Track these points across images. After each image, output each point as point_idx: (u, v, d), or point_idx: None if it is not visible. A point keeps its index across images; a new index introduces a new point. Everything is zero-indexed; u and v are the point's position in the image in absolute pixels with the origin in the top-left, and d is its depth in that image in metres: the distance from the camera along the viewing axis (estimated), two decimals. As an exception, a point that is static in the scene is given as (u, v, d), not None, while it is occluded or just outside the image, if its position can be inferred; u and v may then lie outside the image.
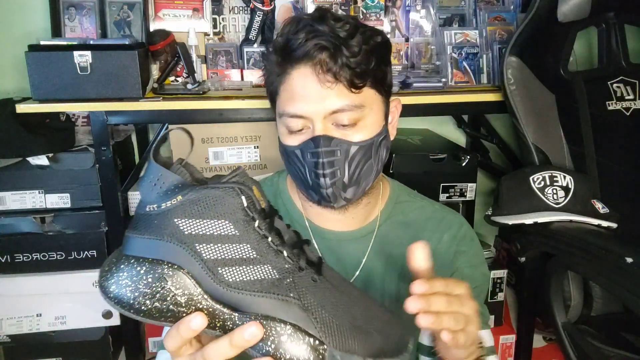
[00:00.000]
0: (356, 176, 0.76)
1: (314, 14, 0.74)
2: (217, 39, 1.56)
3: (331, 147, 0.73)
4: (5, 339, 1.40)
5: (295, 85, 0.73)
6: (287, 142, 0.77)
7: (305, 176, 0.76)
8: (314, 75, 0.71)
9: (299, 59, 0.72)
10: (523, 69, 1.33)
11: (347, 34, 0.71)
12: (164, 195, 0.47)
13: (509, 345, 1.54)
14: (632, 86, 1.32)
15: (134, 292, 0.47)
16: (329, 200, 0.76)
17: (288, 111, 0.74)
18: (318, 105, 0.72)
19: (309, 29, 0.71)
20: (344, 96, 0.72)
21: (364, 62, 0.72)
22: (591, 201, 1.21)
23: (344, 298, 0.52)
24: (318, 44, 0.70)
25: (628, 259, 0.97)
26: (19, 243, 1.37)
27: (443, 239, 0.86)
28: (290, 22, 0.74)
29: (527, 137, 1.32)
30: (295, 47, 0.72)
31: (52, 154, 1.34)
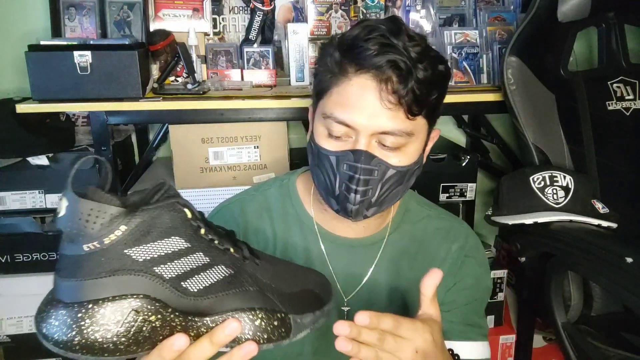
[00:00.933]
0: (383, 198, 0.73)
1: (390, 25, 0.69)
2: (217, 39, 1.56)
3: (370, 166, 0.70)
4: (5, 339, 1.40)
5: (352, 93, 0.69)
6: (323, 144, 0.73)
7: (333, 184, 0.73)
8: (376, 91, 0.67)
9: (366, 68, 0.68)
10: (523, 69, 1.33)
11: (418, 56, 0.67)
12: (104, 229, 0.44)
13: (509, 345, 1.54)
14: (632, 86, 1.32)
15: (106, 336, 0.44)
16: (351, 215, 0.73)
17: (336, 116, 0.70)
18: (371, 121, 0.68)
19: (383, 40, 0.67)
20: (399, 120, 0.68)
21: (427, 91, 0.68)
22: (591, 201, 1.21)
23: (279, 268, 0.57)
24: (392, 61, 0.66)
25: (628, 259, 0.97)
26: (19, 243, 1.37)
27: (451, 250, 0.86)
28: (363, 26, 0.69)
29: (527, 137, 1.32)
30: (365, 55, 0.67)
31: (52, 154, 1.34)
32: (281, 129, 1.42)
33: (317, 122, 0.75)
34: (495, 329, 1.54)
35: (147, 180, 1.50)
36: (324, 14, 1.53)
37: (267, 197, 0.88)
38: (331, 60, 0.71)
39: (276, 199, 0.88)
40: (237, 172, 1.42)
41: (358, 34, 0.69)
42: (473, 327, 0.85)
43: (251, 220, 0.86)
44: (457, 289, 0.85)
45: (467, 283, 0.85)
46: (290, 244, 0.85)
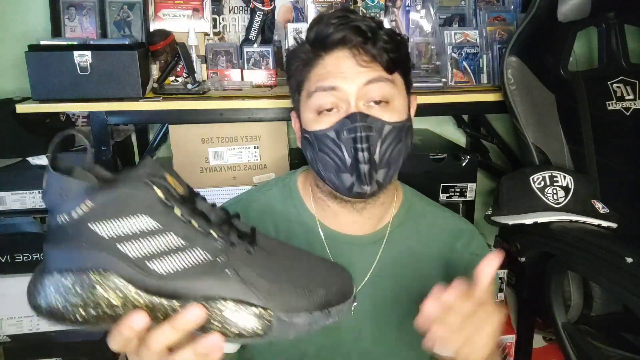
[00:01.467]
0: (387, 157, 0.75)
1: (343, 6, 0.79)
2: (217, 39, 1.56)
3: (367, 123, 0.73)
4: (5, 339, 1.40)
5: (330, 66, 0.75)
6: (316, 127, 0.76)
7: (342, 156, 0.74)
8: (350, 57, 0.74)
9: (334, 44, 0.74)
10: (523, 69, 1.33)
11: (377, 24, 0.75)
12: (72, 203, 0.46)
13: (509, 345, 1.54)
14: (632, 86, 1.32)
15: (66, 305, 0.46)
16: (365, 181, 0.74)
17: (322, 85, 0.75)
18: (354, 81, 0.73)
19: (341, 16, 0.74)
20: (377, 72, 0.74)
21: (396, 48, 0.75)
22: (591, 201, 1.21)
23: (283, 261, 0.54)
24: (355, 27, 0.73)
25: (628, 259, 0.97)
26: (19, 243, 1.37)
27: (455, 248, 0.87)
28: (320, 16, 0.77)
29: (527, 137, 1.32)
30: (328, 33, 0.74)
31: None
32: (281, 129, 1.42)
33: (304, 111, 0.79)
34: (495, 329, 1.54)
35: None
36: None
37: (268, 198, 0.89)
38: (302, 53, 0.78)
39: (278, 199, 0.88)
40: (237, 172, 1.42)
41: (317, 22, 0.76)
42: None
43: (253, 221, 0.85)
44: None
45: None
46: (293, 242, 0.84)
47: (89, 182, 0.46)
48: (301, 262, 0.56)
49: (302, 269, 0.55)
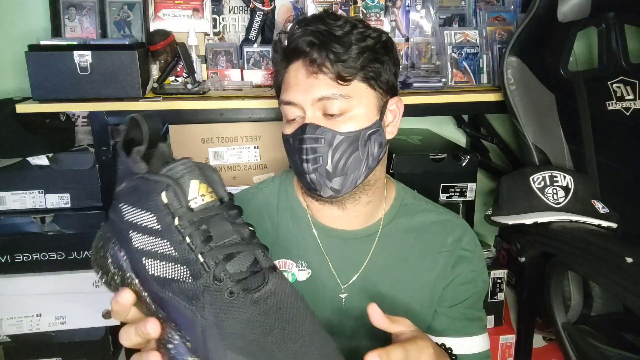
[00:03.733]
0: (341, 166, 0.77)
1: (315, 14, 0.79)
2: (217, 39, 1.56)
3: (316, 135, 0.76)
4: (5, 339, 1.40)
5: (290, 77, 0.79)
6: (285, 131, 0.82)
7: (296, 162, 0.80)
8: (303, 68, 0.77)
9: (294, 55, 0.78)
10: (523, 69, 1.33)
11: (343, 32, 0.76)
12: (120, 180, 0.50)
13: (509, 345, 1.54)
14: (632, 86, 1.32)
15: (102, 267, 0.51)
16: (314, 187, 0.79)
17: (283, 99, 0.80)
18: (305, 94, 0.76)
19: (303, 28, 0.77)
20: (331, 86, 0.76)
21: (352, 58, 0.75)
22: (591, 201, 1.21)
23: (270, 336, 0.42)
24: (307, 40, 0.76)
25: (628, 259, 0.97)
26: (19, 243, 1.36)
27: (446, 243, 0.87)
28: (296, 21, 0.80)
29: (527, 137, 1.32)
30: (291, 44, 0.78)
31: (52, 154, 1.34)
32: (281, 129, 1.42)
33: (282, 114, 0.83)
34: (495, 329, 1.54)
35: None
36: (324, 14, 1.53)
37: (265, 195, 0.92)
38: (276, 62, 0.83)
39: (274, 195, 0.91)
40: (237, 172, 1.42)
41: (290, 30, 0.80)
42: (473, 321, 0.87)
43: (252, 217, 0.88)
44: (457, 284, 0.87)
45: (467, 277, 0.87)
46: (289, 237, 0.88)
47: (139, 167, 0.48)
48: (290, 344, 0.43)
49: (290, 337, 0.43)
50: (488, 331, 0.90)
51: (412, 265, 0.86)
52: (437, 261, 0.87)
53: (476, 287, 0.88)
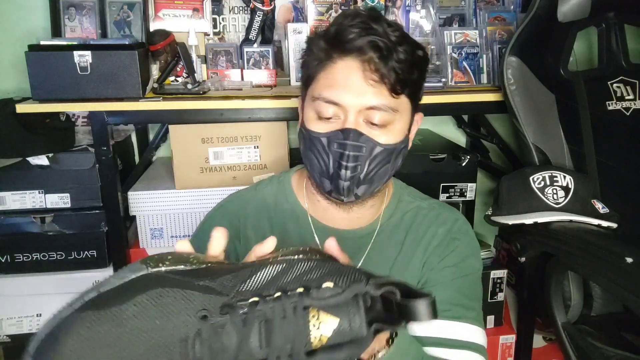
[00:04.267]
0: (371, 175, 0.77)
1: (370, 13, 0.75)
2: (217, 39, 1.56)
3: (359, 143, 0.74)
4: (5, 339, 1.40)
5: (338, 74, 0.74)
6: (313, 127, 0.77)
7: (327, 164, 0.77)
8: (360, 71, 0.73)
9: (349, 51, 0.73)
10: (523, 69, 1.33)
11: (397, 40, 0.73)
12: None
13: (509, 345, 1.54)
14: (632, 86, 1.32)
15: None
16: (343, 193, 0.77)
17: (325, 96, 0.75)
18: (357, 98, 0.73)
19: (364, 25, 0.73)
20: (383, 96, 0.74)
21: (408, 71, 0.74)
22: (591, 201, 1.21)
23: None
24: (372, 42, 0.72)
25: (628, 259, 0.97)
26: (19, 243, 1.37)
27: (438, 233, 0.87)
28: (346, 15, 0.75)
29: (527, 137, 1.32)
30: (347, 39, 0.73)
31: (52, 154, 1.34)
32: (281, 129, 1.42)
33: (306, 107, 0.79)
34: (495, 329, 1.54)
35: (147, 180, 1.50)
36: (324, 14, 1.53)
37: (264, 195, 0.91)
38: (317, 49, 0.77)
39: (272, 195, 0.91)
40: (237, 172, 1.42)
41: (341, 22, 0.75)
42: (458, 307, 0.83)
43: (250, 217, 0.89)
44: (441, 267, 0.86)
45: (451, 261, 0.86)
46: (287, 237, 0.87)
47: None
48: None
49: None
50: (488, 331, 0.88)
51: (403, 259, 0.87)
52: (426, 250, 0.86)
53: (461, 271, 0.86)
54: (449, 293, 0.84)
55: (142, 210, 1.41)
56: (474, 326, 0.83)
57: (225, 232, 0.53)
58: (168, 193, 1.41)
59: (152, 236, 1.44)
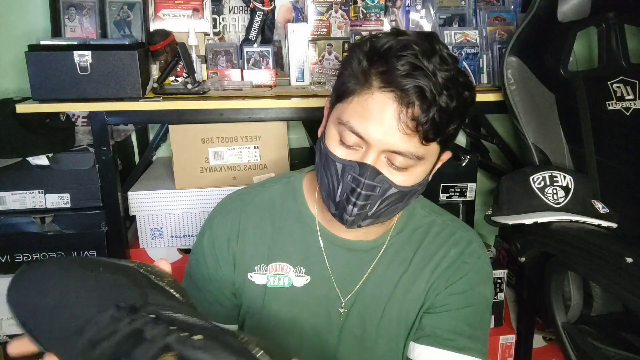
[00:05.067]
0: (380, 213, 0.74)
1: (424, 44, 0.67)
2: (217, 39, 1.56)
3: (374, 182, 0.70)
4: (5, 339, 1.40)
5: (372, 107, 0.68)
6: (333, 149, 0.73)
7: (335, 191, 0.73)
8: (397, 112, 0.66)
9: (391, 88, 0.66)
10: (523, 69, 1.33)
11: (445, 82, 0.66)
12: None
13: (509, 345, 1.54)
14: (632, 86, 1.32)
15: None
16: (345, 224, 0.75)
17: (352, 125, 0.69)
18: (385, 139, 0.68)
19: (414, 61, 0.65)
20: (412, 144, 0.68)
21: (446, 120, 0.67)
22: (591, 201, 1.21)
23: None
24: (418, 87, 0.65)
25: (628, 259, 0.97)
26: (19, 243, 1.37)
27: (449, 255, 0.84)
28: (397, 40, 0.67)
29: (527, 137, 1.32)
30: (392, 73, 0.66)
31: (52, 154, 1.34)
32: (281, 129, 1.42)
33: (330, 124, 0.74)
34: (495, 329, 1.54)
35: (147, 180, 1.50)
36: (324, 14, 1.53)
37: (271, 194, 0.89)
38: (358, 67, 0.70)
39: (279, 195, 0.88)
40: (237, 172, 1.42)
41: (391, 46, 0.67)
42: (463, 337, 0.80)
43: (251, 215, 0.87)
44: (448, 293, 0.82)
45: (459, 288, 0.82)
46: (290, 241, 0.85)
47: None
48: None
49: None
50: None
51: (409, 278, 0.84)
52: (434, 272, 0.83)
53: (468, 300, 0.82)
54: (454, 322, 0.81)
55: (142, 210, 1.42)
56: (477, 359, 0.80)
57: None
58: (168, 193, 1.41)
59: (152, 236, 1.44)
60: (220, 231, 0.87)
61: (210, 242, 0.87)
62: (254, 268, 0.85)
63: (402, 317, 0.84)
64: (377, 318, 0.84)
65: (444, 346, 0.79)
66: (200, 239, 0.89)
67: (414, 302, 0.83)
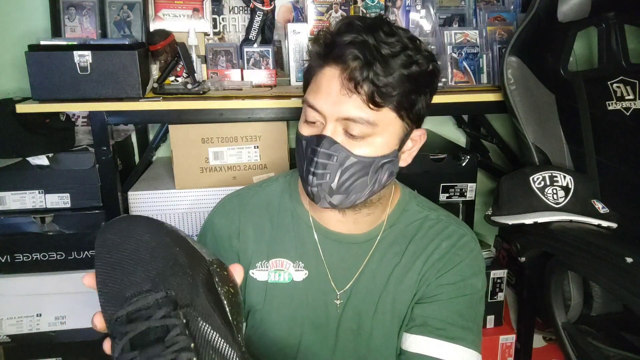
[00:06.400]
0: (345, 186, 0.76)
1: (368, 22, 0.74)
2: (217, 39, 1.56)
3: (330, 151, 0.74)
4: (5, 339, 1.40)
5: (322, 81, 0.75)
6: (301, 129, 0.79)
7: (302, 167, 0.78)
8: (339, 79, 0.72)
9: (334, 59, 0.73)
10: (523, 69, 1.33)
11: (390, 53, 0.71)
12: None
13: (509, 345, 1.54)
14: (632, 86, 1.32)
15: None
16: (312, 197, 0.78)
17: (309, 101, 0.76)
18: (333, 107, 0.73)
19: (354, 35, 0.72)
20: (361, 109, 0.72)
21: (392, 85, 0.71)
22: (591, 201, 1.21)
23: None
24: (353, 52, 0.71)
25: (628, 259, 0.97)
26: (19, 243, 1.37)
27: (441, 247, 0.85)
28: (344, 21, 0.75)
29: (527, 137, 1.32)
30: (335, 48, 0.73)
31: (52, 154, 1.34)
32: (281, 129, 1.42)
33: (302, 111, 0.80)
34: (495, 329, 1.54)
35: (147, 180, 1.50)
36: (324, 14, 1.53)
37: (268, 193, 0.91)
38: (312, 54, 0.78)
39: (276, 194, 0.91)
40: (237, 172, 1.42)
41: (338, 29, 0.75)
42: (454, 327, 0.81)
43: (250, 214, 0.89)
44: (438, 284, 0.84)
45: (450, 279, 0.84)
46: (288, 238, 0.87)
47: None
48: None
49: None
50: (488, 331, 0.87)
51: (401, 270, 0.85)
52: (425, 263, 0.85)
53: (459, 290, 0.83)
54: (445, 312, 0.82)
55: (142, 210, 1.42)
56: (469, 350, 0.80)
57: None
58: (168, 193, 1.41)
59: (152, 236, 1.44)
60: (222, 231, 0.89)
61: (214, 242, 0.89)
62: (255, 265, 0.87)
63: (395, 309, 0.85)
64: (371, 311, 0.86)
65: (435, 335, 0.80)
66: (203, 240, 0.91)
67: (406, 294, 0.85)
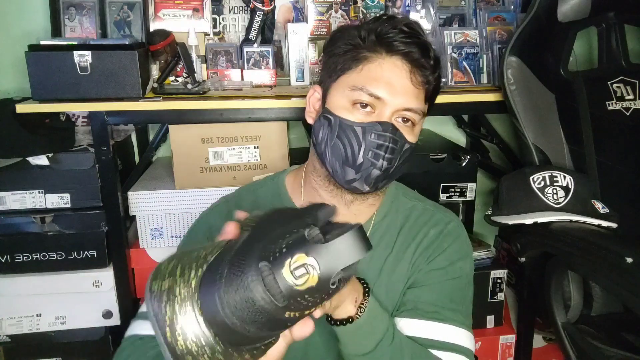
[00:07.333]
0: (395, 171, 0.80)
1: (409, 20, 0.81)
2: (217, 39, 1.56)
3: (397, 137, 0.77)
4: (5, 339, 1.40)
5: (385, 71, 0.77)
6: (345, 115, 0.78)
7: (356, 154, 0.77)
8: (407, 72, 0.77)
9: (399, 51, 0.77)
10: (523, 69, 1.33)
11: (438, 56, 0.82)
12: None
13: (509, 345, 1.54)
14: (632, 86, 1.32)
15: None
16: (369, 182, 0.78)
17: (369, 89, 0.77)
18: (400, 98, 0.77)
19: (412, 29, 0.79)
20: (419, 101, 0.79)
21: (436, 80, 0.81)
22: (591, 201, 1.21)
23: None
24: (425, 47, 0.78)
25: (628, 259, 0.97)
26: (19, 243, 1.37)
27: (429, 234, 0.87)
28: (392, 17, 0.80)
29: (527, 137, 1.32)
30: (398, 38, 0.77)
31: (52, 154, 1.34)
32: (281, 129, 1.42)
33: (338, 95, 0.80)
34: (495, 329, 1.54)
35: (147, 180, 1.50)
36: (324, 14, 1.53)
37: (257, 197, 0.91)
38: (359, 42, 0.79)
39: (266, 198, 0.91)
40: (237, 172, 1.42)
41: (387, 22, 0.79)
42: (445, 309, 0.83)
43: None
44: (428, 269, 0.85)
45: (439, 264, 0.85)
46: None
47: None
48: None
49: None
50: (488, 331, 0.88)
51: (393, 260, 0.87)
52: (416, 251, 0.86)
53: (449, 274, 0.85)
54: (435, 295, 0.84)
55: (142, 210, 1.42)
56: (460, 329, 0.82)
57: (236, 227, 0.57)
58: (168, 193, 1.41)
59: (152, 236, 1.44)
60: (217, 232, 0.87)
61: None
62: None
63: (388, 299, 0.86)
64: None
65: (426, 317, 0.82)
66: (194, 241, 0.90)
67: (398, 283, 0.86)
